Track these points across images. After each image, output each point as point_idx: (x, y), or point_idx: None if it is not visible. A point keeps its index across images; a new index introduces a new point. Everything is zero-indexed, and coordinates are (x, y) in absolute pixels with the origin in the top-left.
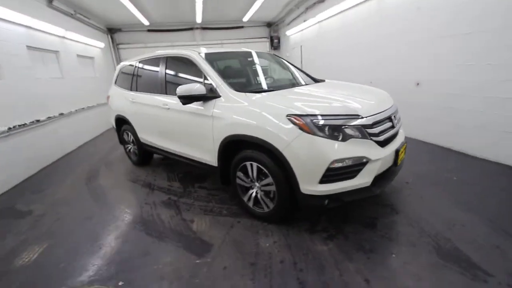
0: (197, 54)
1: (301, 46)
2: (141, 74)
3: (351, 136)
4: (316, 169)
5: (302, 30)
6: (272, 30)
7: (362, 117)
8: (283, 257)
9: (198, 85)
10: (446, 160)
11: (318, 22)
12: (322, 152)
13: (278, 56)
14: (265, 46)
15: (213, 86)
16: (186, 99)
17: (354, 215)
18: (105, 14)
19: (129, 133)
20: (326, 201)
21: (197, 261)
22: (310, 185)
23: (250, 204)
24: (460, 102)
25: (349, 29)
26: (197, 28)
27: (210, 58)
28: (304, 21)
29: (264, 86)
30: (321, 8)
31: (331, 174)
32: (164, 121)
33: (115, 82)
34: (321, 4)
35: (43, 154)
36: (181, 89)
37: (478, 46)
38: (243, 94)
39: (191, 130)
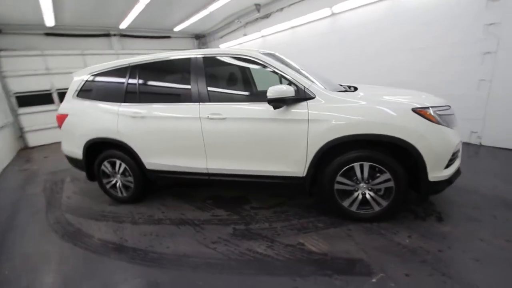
0: (260, 53)
1: None
2: (150, 80)
3: (453, 124)
4: (445, 156)
5: (241, 43)
6: (201, 43)
7: (451, 107)
8: (431, 247)
9: (287, 86)
10: None
11: (263, 36)
12: (448, 139)
13: None
14: None
15: (299, 86)
16: (278, 103)
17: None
18: None
19: (119, 162)
20: (446, 184)
21: (374, 280)
22: (438, 172)
23: (353, 208)
24: None
25: (301, 45)
26: (114, 35)
27: (273, 58)
28: (244, 35)
29: (334, 87)
30: (266, 23)
31: (451, 159)
32: (210, 136)
33: (77, 95)
34: (265, 20)
35: None
36: (274, 91)
37: (433, 57)
38: (342, 93)
39: (270, 140)
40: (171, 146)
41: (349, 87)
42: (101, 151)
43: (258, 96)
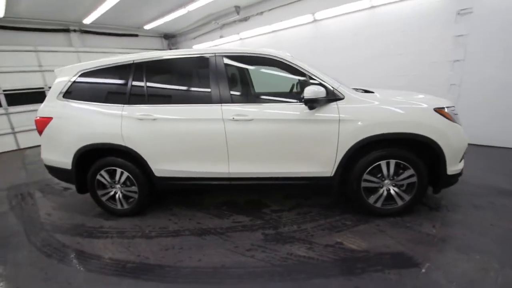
0: (286, 54)
1: None
2: (160, 80)
3: (459, 122)
4: (460, 151)
5: (216, 45)
6: (171, 43)
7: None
8: (455, 234)
9: (318, 86)
10: None
11: (241, 39)
12: (463, 135)
13: None
14: None
15: (328, 87)
16: (313, 103)
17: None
18: None
19: (121, 171)
20: (458, 176)
21: (423, 270)
22: (455, 166)
23: (378, 204)
24: None
25: (282, 50)
26: (75, 31)
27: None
28: (221, 37)
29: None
30: (245, 26)
31: (463, 154)
32: (234, 138)
33: (63, 96)
34: (243, 23)
35: None
36: (311, 92)
37: (409, 63)
38: (366, 94)
39: (299, 141)
40: (187, 150)
41: (365, 90)
42: (94, 159)
43: (284, 97)
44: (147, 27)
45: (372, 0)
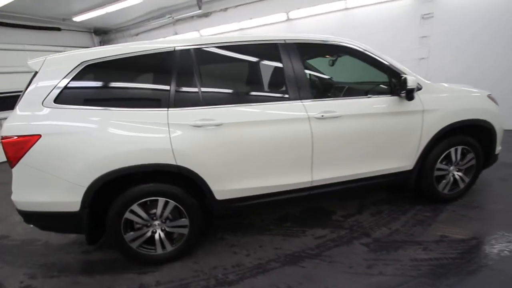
0: (357, 43)
1: None
2: (218, 73)
3: None
4: (502, 132)
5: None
6: (103, 40)
7: None
8: None
9: (413, 77)
10: None
11: (202, 36)
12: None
13: None
14: None
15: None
16: (413, 93)
17: None
18: None
19: (164, 200)
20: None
21: None
22: (499, 145)
23: (446, 190)
24: None
25: None
26: None
27: None
28: (176, 34)
29: None
30: (205, 22)
31: None
32: (321, 139)
33: (55, 100)
34: (204, 19)
35: None
36: (413, 82)
37: None
38: (435, 84)
39: (387, 136)
40: (263, 161)
41: None
42: (117, 190)
43: (366, 88)
44: (78, 18)
45: (347, 2)
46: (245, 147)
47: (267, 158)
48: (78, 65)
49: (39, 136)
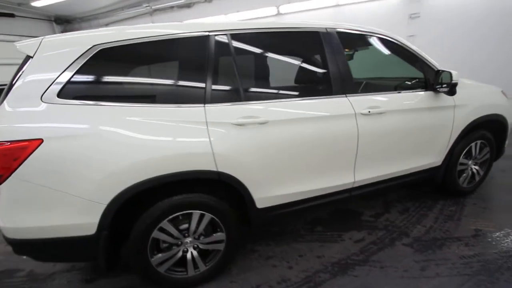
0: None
1: None
2: (259, 63)
3: None
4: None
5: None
6: (65, 30)
7: None
8: None
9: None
10: None
11: None
12: None
13: None
14: None
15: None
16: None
17: None
18: None
19: (199, 213)
20: None
21: None
22: (509, 139)
23: (465, 184)
24: None
25: None
26: None
27: None
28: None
29: None
30: (187, 14)
31: None
32: (367, 137)
33: (59, 94)
34: (186, 10)
35: None
36: (456, 76)
37: None
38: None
39: (424, 131)
40: (308, 162)
41: None
42: (139, 205)
43: (402, 83)
44: (37, 3)
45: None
46: (291, 147)
47: (313, 159)
48: (89, 49)
49: (41, 140)
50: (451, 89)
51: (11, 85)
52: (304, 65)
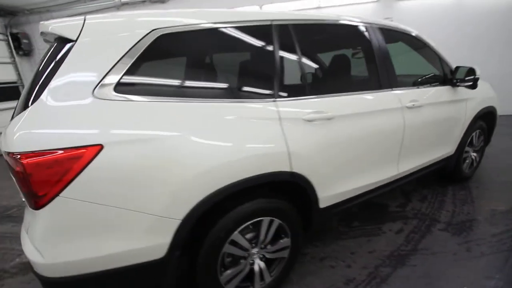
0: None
1: None
2: (320, 57)
3: None
4: None
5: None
6: (9, 24)
7: None
8: None
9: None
10: None
11: None
12: None
13: None
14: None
15: (452, 68)
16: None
17: None
18: None
19: (268, 220)
20: None
21: None
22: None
23: (467, 170)
24: None
25: None
26: None
27: None
28: None
29: None
30: (160, 9)
31: None
32: (410, 130)
33: (115, 87)
34: (159, 5)
35: None
36: (478, 71)
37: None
38: None
39: (447, 123)
40: (366, 158)
41: None
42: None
43: (420, 78)
44: None
45: (320, 1)
46: (353, 142)
47: (370, 153)
48: (148, 34)
49: (100, 147)
50: (474, 83)
51: (44, 78)
52: (361, 58)
